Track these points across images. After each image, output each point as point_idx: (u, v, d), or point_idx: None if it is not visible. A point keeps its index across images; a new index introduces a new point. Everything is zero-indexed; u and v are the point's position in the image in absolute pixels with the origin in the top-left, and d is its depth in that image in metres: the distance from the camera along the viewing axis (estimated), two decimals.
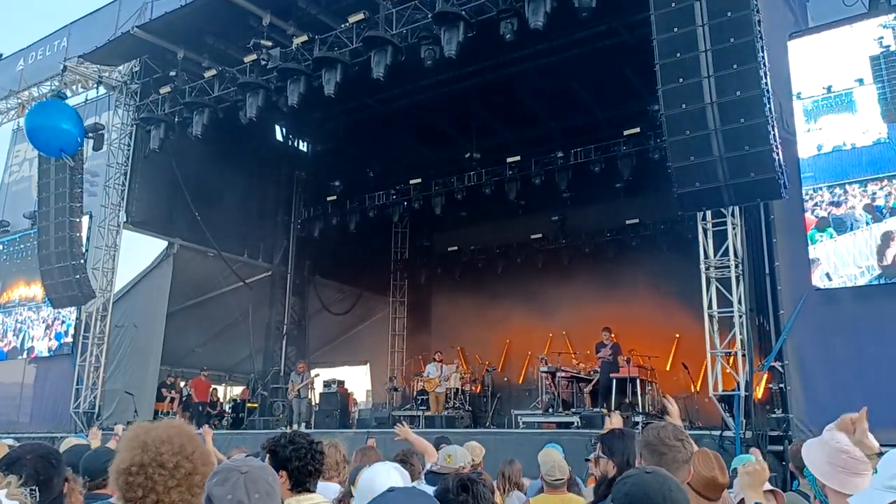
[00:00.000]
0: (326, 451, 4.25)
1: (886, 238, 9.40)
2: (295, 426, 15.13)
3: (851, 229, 9.65)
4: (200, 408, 16.56)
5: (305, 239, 19.61)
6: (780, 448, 9.16)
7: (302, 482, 2.97)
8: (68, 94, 16.42)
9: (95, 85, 16.32)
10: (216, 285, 17.76)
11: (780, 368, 9.87)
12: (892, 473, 1.85)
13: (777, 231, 10.17)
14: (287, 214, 19.69)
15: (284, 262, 19.63)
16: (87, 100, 16.88)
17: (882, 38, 9.85)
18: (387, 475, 2.73)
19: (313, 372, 16.35)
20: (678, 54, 9.01)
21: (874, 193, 9.62)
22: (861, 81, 9.92)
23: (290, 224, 19.71)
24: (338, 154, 19.52)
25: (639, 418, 11.90)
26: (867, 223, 9.57)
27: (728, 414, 9.93)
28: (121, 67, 15.91)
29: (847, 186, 9.75)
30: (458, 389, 16.07)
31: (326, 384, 16.19)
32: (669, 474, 2.25)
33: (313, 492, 3.00)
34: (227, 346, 18.83)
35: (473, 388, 16.68)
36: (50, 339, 16.65)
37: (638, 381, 13.08)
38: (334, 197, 19.16)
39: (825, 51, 10.00)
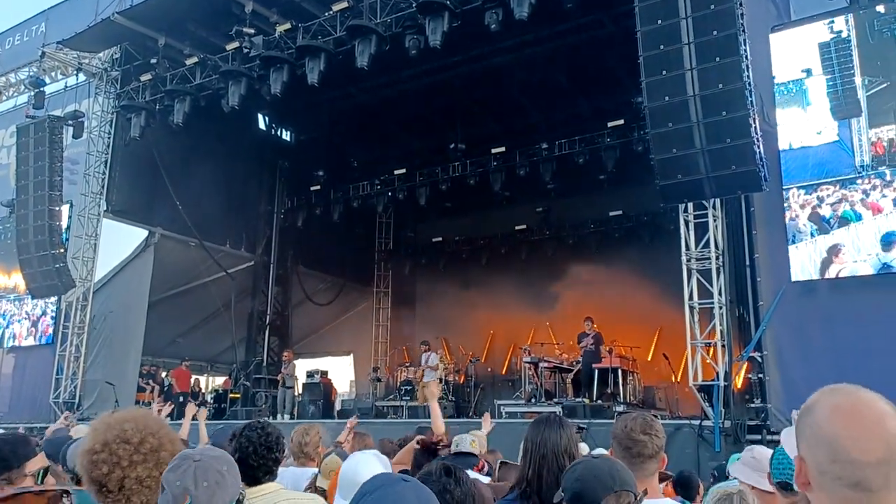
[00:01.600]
0: (299, 437, 4.48)
1: (832, 252, 9.39)
2: (279, 416, 15.22)
3: (794, 242, 9.69)
4: (182, 398, 16.49)
5: (288, 229, 19.57)
6: (759, 437, 9.31)
7: (246, 474, 2.87)
8: (47, 80, 16.22)
9: (75, 72, 16.07)
10: (198, 275, 17.63)
11: (759, 359, 10.02)
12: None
13: (757, 223, 10.31)
14: (270, 204, 19.63)
15: (267, 252, 19.54)
16: (66, 87, 16.63)
17: (833, 22, 9.69)
18: (368, 465, 2.71)
19: (297, 363, 16.41)
20: (661, 46, 9.09)
21: (821, 200, 9.52)
22: (809, 72, 9.80)
23: (272, 214, 19.63)
24: (321, 143, 19.43)
25: (620, 408, 12.00)
26: (812, 234, 9.57)
27: (707, 404, 10.03)
28: (101, 54, 15.71)
29: (793, 191, 9.74)
30: (441, 379, 16.05)
31: (309, 374, 16.22)
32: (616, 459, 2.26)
33: (264, 482, 2.94)
34: (209, 337, 18.76)
35: (457, 378, 16.79)
36: (34, 337, 16.49)
37: (620, 371, 13.18)
38: (318, 187, 19.12)
39: (799, 43, 10.01)
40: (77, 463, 1.99)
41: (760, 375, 10.01)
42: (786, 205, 9.84)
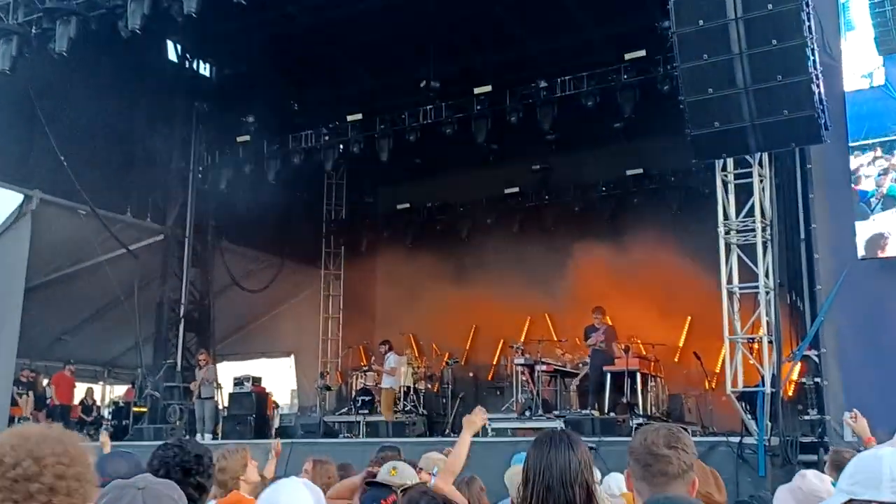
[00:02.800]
0: (222, 461, 4.58)
1: None
2: (198, 437, 15.23)
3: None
4: (62, 412, 16.39)
5: (208, 192, 19.43)
6: (814, 458, 9.46)
7: None
8: None
9: None
10: (90, 253, 17.43)
11: (816, 358, 10.25)
12: (849, 473, 2.11)
13: (815, 185, 10.46)
14: (184, 160, 19.37)
15: (181, 223, 19.31)
16: None
17: None
18: (292, 494, 2.75)
19: (221, 368, 16.68)
20: None
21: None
22: None
23: (188, 173, 19.41)
24: (251, 80, 19.21)
25: (639, 422, 12.05)
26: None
27: (749, 416, 10.20)
28: None
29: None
30: (409, 388, 16.35)
31: (238, 382, 16.31)
32: None
33: None
34: (105, 334, 18.66)
35: (429, 385, 16.90)
36: None
37: (638, 374, 13.31)
38: (247, 138, 18.92)
39: None
40: None
41: (817, 379, 10.23)
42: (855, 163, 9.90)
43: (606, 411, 13.08)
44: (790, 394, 11.09)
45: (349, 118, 18.44)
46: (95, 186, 16.84)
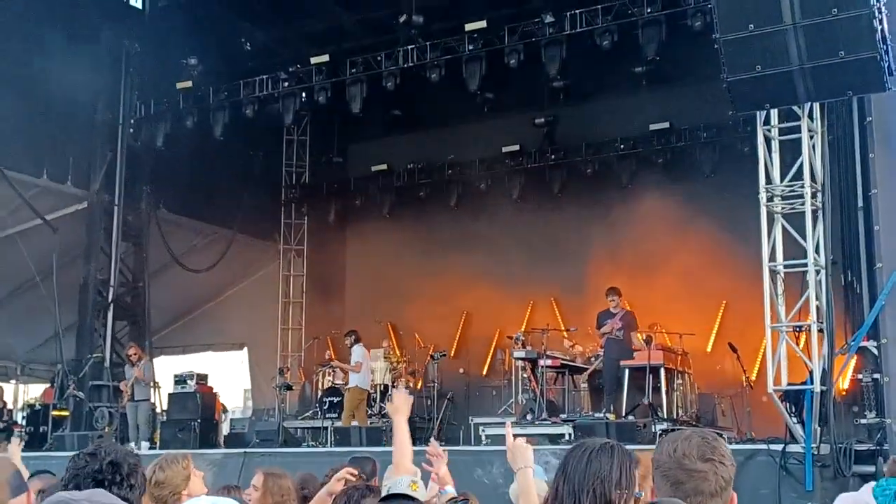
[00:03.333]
0: (152, 472, 4.63)
1: None
2: (131, 446, 15.20)
3: None
4: None
5: (142, 151, 19.31)
6: (872, 469, 9.53)
7: None
8: None
9: None
10: None
11: (875, 350, 10.31)
12: None
13: (876, 143, 10.52)
14: (111, 111, 19.17)
15: (109, 189, 19.08)
16: None
17: None
18: None
19: (160, 363, 16.83)
20: None
21: None
22: None
23: (116, 127, 19.19)
24: (194, 13, 18.70)
25: (663, 427, 12.10)
26: None
27: (795, 419, 10.23)
28: None
29: None
30: (387, 387, 16.51)
31: (179, 380, 16.32)
32: None
33: None
34: (18, 322, 18.67)
35: (412, 383, 17.02)
36: None
37: (662, 370, 13.41)
38: (188, 84, 18.76)
39: None
40: None
41: (876, 376, 10.28)
42: None
43: (624, 414, 13.12)
44: (844, 392, 11.06)
45: (313, 60, 18.23)
46: (2, 143, 16.68)
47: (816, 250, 10.46)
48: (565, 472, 3.06)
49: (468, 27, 16.95)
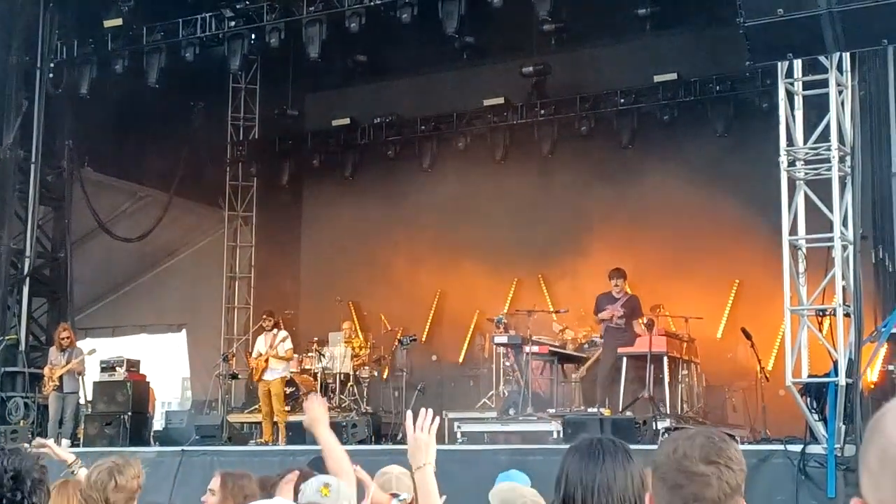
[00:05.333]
0: (101, 478, 4.82)
1: None
2: (51, 441, 15.10)
3: None
4: None
5: (64, 100, 19.18)
6: None
7: None
8: None
9: None
10: None
11: None
12: None
13: None
14: (28, 53, 18.93)
15: (25, 144, 18.89)
16: None
17: None
18: None
19: (85, 346, 16.76)
20: None
21: None
22: None
23: (33, 72, 19.07)
24: None
25: (665, 424, 12.52)
26: None
27: (817, 416, 10.39)
28: None
29: None
30: (348, 376, 16.80)
31: (106, 367, 16.55)
32: None
33: None
34: None
35: (376, 372, 17.56)
36: None
37: (665, 359, 13.69)
38: (118, 22, 18.47)
39: None
40: None
41: None
42: None
43: (621, 409, 13.30)
44: (872, 386, 11.20)
45: None
46: None
47: (844, 223, 10.59)
48: (567, 480, 3.31)
49: None
